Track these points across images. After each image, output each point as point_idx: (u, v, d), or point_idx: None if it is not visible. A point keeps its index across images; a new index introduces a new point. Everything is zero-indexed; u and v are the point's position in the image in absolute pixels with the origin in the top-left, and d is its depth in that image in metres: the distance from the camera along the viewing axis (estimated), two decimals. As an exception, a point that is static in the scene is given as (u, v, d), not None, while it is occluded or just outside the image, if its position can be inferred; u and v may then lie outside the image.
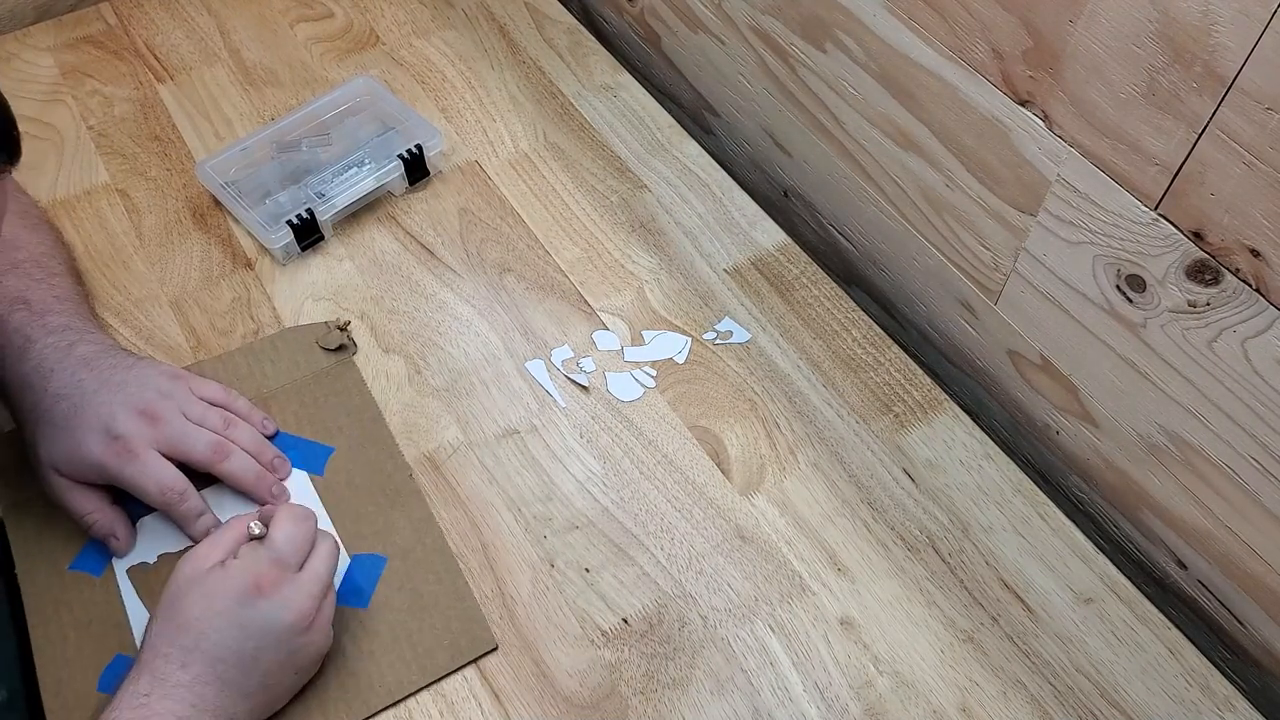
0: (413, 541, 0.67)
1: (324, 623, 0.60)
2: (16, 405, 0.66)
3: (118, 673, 0.61)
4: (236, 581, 0.57)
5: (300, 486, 0.70)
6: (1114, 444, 0.70)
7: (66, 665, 0.62)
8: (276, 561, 0.59)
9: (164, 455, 0.66)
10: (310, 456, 0.71)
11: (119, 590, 0.65)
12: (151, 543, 0.67)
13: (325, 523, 0.68)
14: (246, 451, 0.68)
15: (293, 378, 0.75)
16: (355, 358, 0.77)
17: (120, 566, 0.66)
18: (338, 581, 0.65)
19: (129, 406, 0.65)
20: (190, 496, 0.66)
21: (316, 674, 0.61)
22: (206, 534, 0.65)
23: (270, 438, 0.71)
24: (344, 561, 0.66)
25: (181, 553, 0.66)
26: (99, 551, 0.66)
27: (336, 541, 0.63)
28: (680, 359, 0.77)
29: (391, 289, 0.81)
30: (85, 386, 0.65)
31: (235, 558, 0.59)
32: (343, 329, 0.77)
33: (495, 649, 0.63)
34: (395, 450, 0.71)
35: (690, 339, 0.78)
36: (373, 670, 0.62)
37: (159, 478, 0.65)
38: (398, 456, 0.71)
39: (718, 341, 0.78)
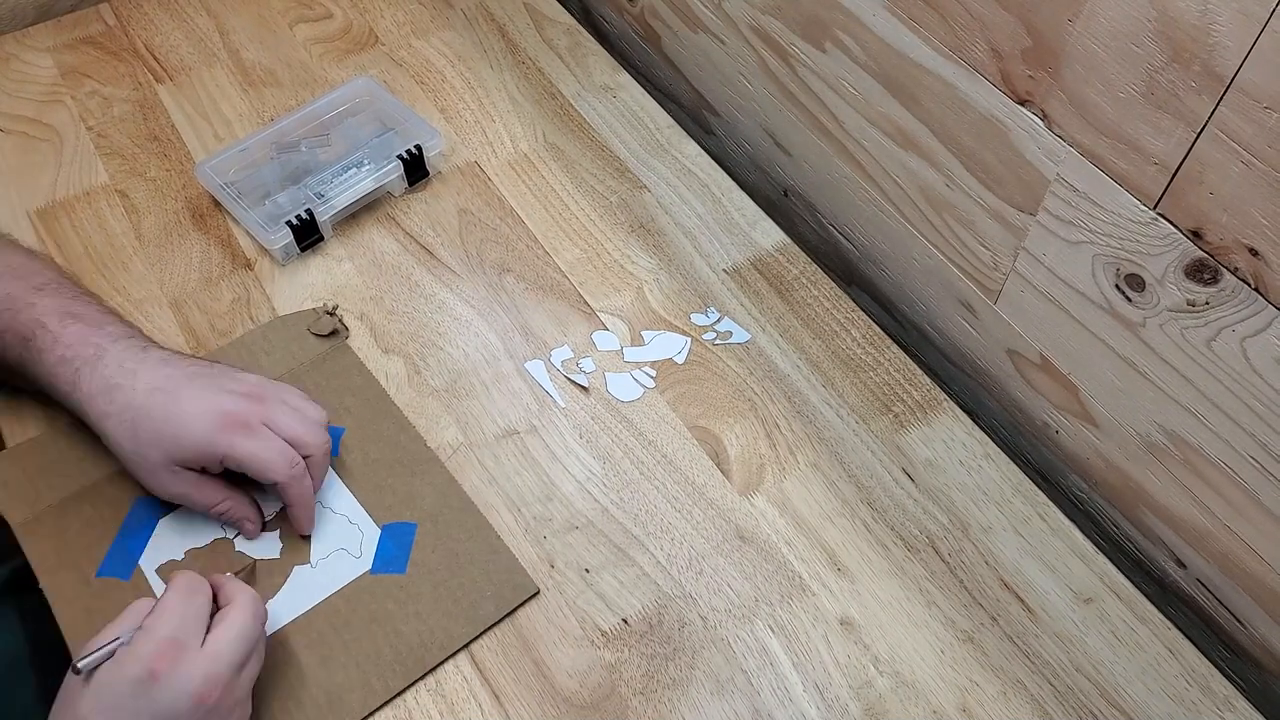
0: (438, 505, 0.68)
1: (232, 703, 0.55)
2: (102, 413, 0.63)
3: None
4: (127, 670, 0.53)
5: None
6: (1113, 443, 0.70)
7: None
8: (169, 640, 0.54)
9: None
10: None
11: (151, 589, 0.65)
12: (179, 539, 0.67)
13: (349, 501, 0.69)
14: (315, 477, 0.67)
15: (289, 367, 0.75)
16: (355, 353, 0.77)
17: (149, 566, 0.65)
18: (370, 555, 0.66)
19: (232, 390, 0.64)
20: (306, 475, 0.65)
21: (368, 643, 0.61)
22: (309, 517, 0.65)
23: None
24: (374, 533, 0.67)
25: (210, 546, 0.66)
26: (124, 554, 0.66)
27: (253, 596, 0.59)
28: (680, 359, 0.77)
29: (391, 289, 0.81)
30: (176, 379, 0.63)
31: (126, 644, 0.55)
32: (331, 313, 0.77)
33: (538, 593, 0.65)
34: (405, 422, 0.72)
35: (690, 339, 0.78)
36: (422, 630, 0.63)
37: (281, 448, 0.63)
38: (409, 428, 0.72)
39: (717, 342, 0.78)
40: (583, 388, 0.75)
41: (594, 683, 0.62)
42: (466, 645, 0.63)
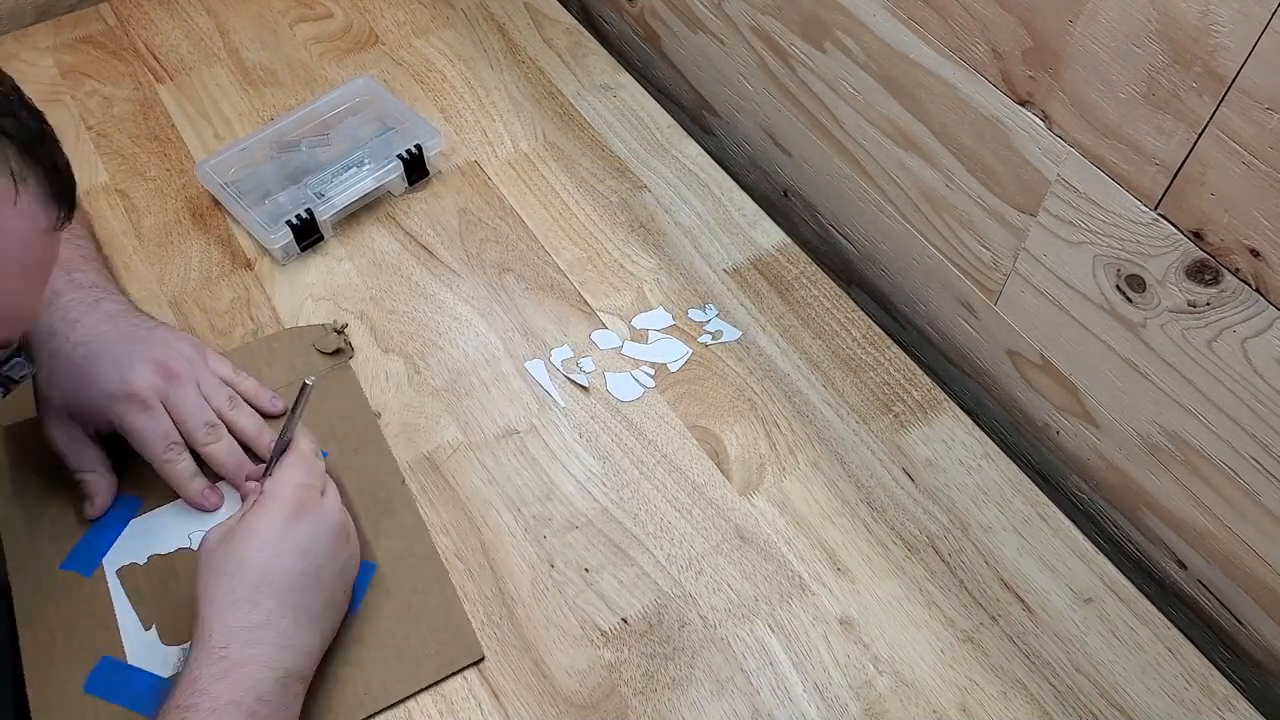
0: (403, 550, 0.67)
1: (355, 533, 0.62)
2: (37, 353, 0.66)
3: (105, 676, 0.61)
4: (278, 509, 0.58)
5: None
6: (1114, 444, 0.70)
7: (53, 665, 0.62)
8: (303, 484, 0.60)
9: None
10: None
11: (109, 591, 0.64)
12: (143, 543, 0.67)
13: None
14: (245, 434, 0.68)
15: (289, 380, 0.74)
16: (354, 359, 0.77)
17: (111, 566, 0.65)
18: None
19: (149, 359, 0.66)
20: (187, 456, 0.66)
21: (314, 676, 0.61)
22: (201, 496, 0.67)
23: (276, 416, 0.71)
24: None
25: (174, 554, 0.66)
26: (90, 550, 0.66)
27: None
28: (675, 368, 0.77)
29: (391, 289, 0.81)
30: (107, 337, 0.66)
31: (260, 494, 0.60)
32: (340, 332, 0.77)
33: (482, 659, 0.63)
34: (389, 456, 0.71)
35: (690, 351, 0.78)
36: (359, 678, 0.62)
37: (166, 430, 0.65)
38: (391, 463, 0.71)
39: (711, 344, 0.78)
40: (583, 387, 0.75)
41: (594, 682, 0.62)
42: (401, 701, 0.61)
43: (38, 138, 0.51)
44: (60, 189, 0.51)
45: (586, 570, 0.67)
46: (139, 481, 0.69)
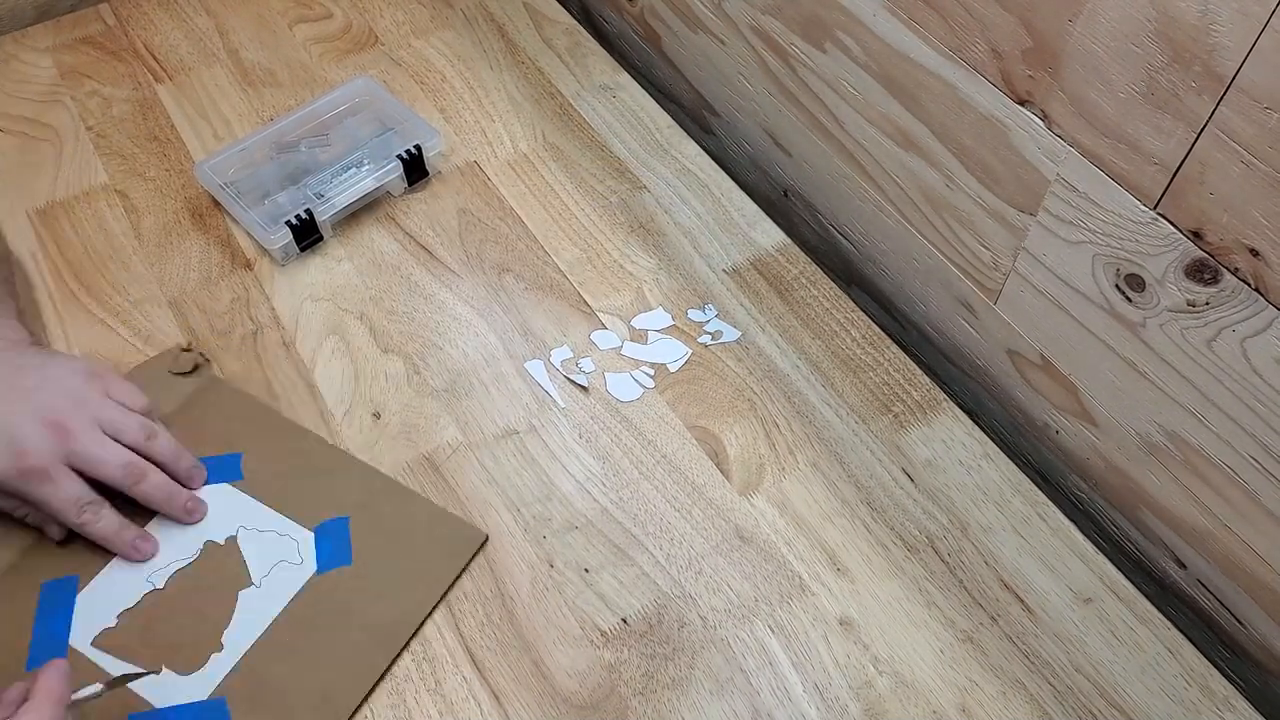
0: (364, 493, 0.69)
1: None
2: None
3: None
4: None
5: (227, 497, 0.68)
6: (1113, 444, 0.70)
7: None
8: None
9: (75, 470, 0.62)
10: (223, 468, 0.70)
11: (96, 664, 0.61)
12: (103, 609, 0.64)
13: (271, 516, 0.68)
14: (165, 461, 0.65)
15: (164, 412, 0.72)
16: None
17: (82, 642, 0.62)
18: (311, 558, 0.66)
19: (35, 417, 0.61)
20: (106, 514, 0.63)
21: (340, 635, 0.62)
22: (132, 549, 0.64)
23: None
24: (308, 537, 0.67)
25: (142, 601, 0.64)
26: (49, 640, 0.63)
27: (47, 690, 0.54)
28: (674, 368, 0.77)
29: (390, 289, 0.81)
30: None
31: None
32: (188, 349, 0.75)
33: (487, 539, 0.67)
34: (302, 431, 0.72)
35: (689, 351, 0.78)
36: (389, 606, 0.64)
37: (75, 495, 0.61)
38: (307, 435, 0.72)
39: (711, 344, 0.78)
40: (582, 387, 0.75)
41: (593, 683, 0.62)
42: (437, 605, 0.64)
43: None
44: None
45: (586, 570, 0.67)
46: (70, 555, 0.65)
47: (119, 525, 0.64)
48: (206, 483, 0.69)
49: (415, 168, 0.86)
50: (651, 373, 0.76)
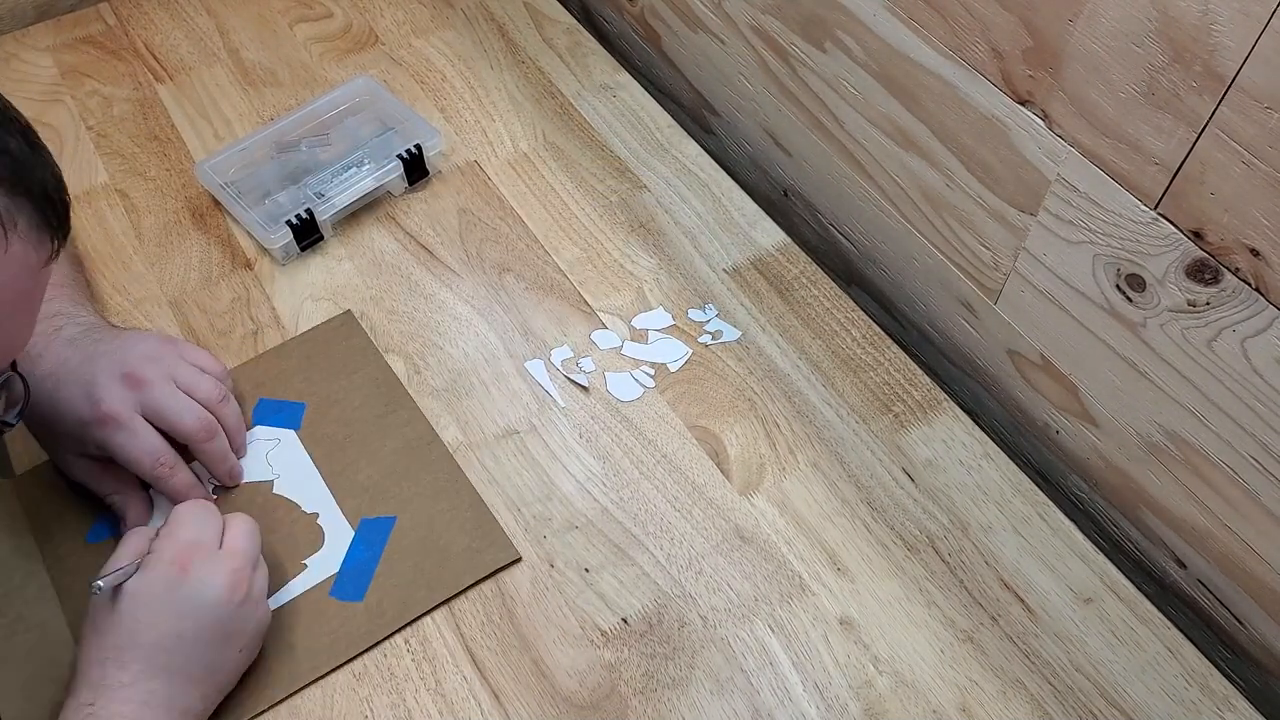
0: (421, 484, 0.69)
1: (258, 594, 0.59)
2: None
3: None
4: (160, 571, 0.56)
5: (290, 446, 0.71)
6: (1114, 443, 0.70)
7: None
8: (191, 543, 0.58)
9: (150, 422, 0.64)
10: (282, 415, 0.73)
11: None
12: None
13: (315, 491, 0.69)
14: (229, 426, 0.68)
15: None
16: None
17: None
18: (337, 559, 0.66)
19: (111, 372, 0.64)
20: (181, 469, 0.65)
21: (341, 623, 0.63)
22: None
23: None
24: (346, 533, 0.67)
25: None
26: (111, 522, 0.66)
27: (249, 519, 0.62)
28: (675, 368, 0.77)
29: (391, 289, 0.81)
30: (70, 362, 0.64)
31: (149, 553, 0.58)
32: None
33: (519, 559, 0.67)
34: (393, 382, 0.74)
35: (690, 351, 0.78)
36: (388, 602, 0.64)
37: (149, 447, 0.64)
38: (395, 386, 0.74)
39: (712, 343, 0.78)
40: (583, 387, 0.75)
41: (594, 682, 0.62)
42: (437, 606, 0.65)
43: (28, 166, 0.48)
44: (53, 216, 0.49)
45: (586, 570, 0.67)
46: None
47: (191, 483, 0.66)
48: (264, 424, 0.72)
49: (415, 167, 0.86)
50: (652, 372, 0.76)
